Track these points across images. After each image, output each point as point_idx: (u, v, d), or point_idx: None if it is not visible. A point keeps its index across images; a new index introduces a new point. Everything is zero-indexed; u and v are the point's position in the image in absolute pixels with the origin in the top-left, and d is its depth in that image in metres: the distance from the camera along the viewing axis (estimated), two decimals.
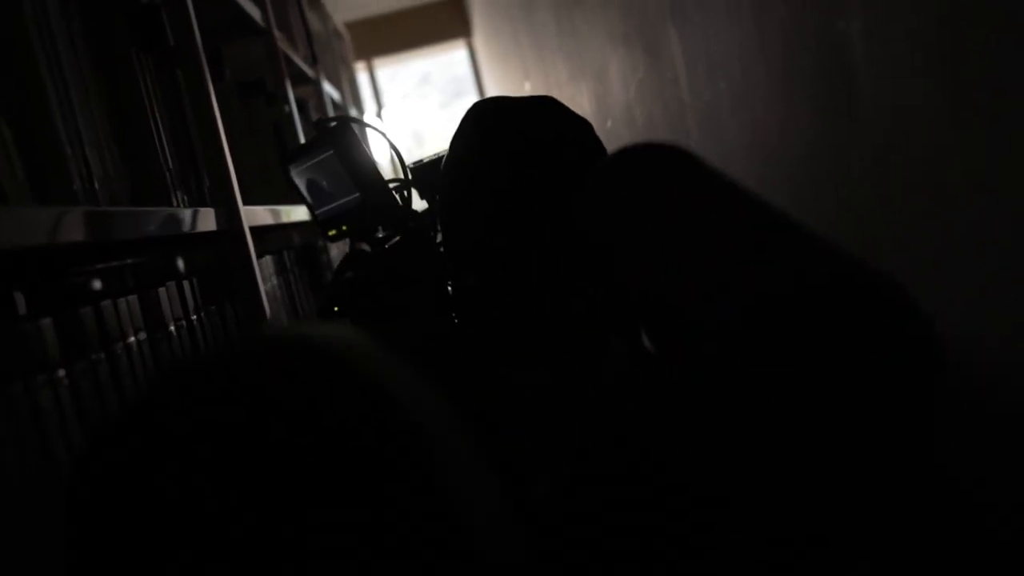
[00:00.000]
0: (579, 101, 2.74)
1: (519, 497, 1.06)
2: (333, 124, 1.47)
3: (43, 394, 0.86)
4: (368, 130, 1.52)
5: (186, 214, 1.41)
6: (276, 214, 2.06)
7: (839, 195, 1.07)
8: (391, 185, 1.50)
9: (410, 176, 1.40)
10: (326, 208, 1.59)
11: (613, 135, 2.27)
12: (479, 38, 7.38)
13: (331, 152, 1.46)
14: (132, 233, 1.15)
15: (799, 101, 1.08)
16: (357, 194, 1.48)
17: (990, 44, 0.72)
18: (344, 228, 1.58)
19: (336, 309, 1.57)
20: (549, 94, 3.13)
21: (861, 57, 0.90)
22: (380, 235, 1.57)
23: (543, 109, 1.29)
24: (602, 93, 2.32)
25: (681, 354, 0.94)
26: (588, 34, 2.36)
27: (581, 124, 1.30)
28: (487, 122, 1.30)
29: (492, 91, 7.39)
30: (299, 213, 2.40)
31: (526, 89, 4.24)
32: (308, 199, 1.61)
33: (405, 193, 1.47)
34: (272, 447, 0.49)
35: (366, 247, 1.59)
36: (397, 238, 1.53)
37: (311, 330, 0.57)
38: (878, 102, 0.91)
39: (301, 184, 1.59)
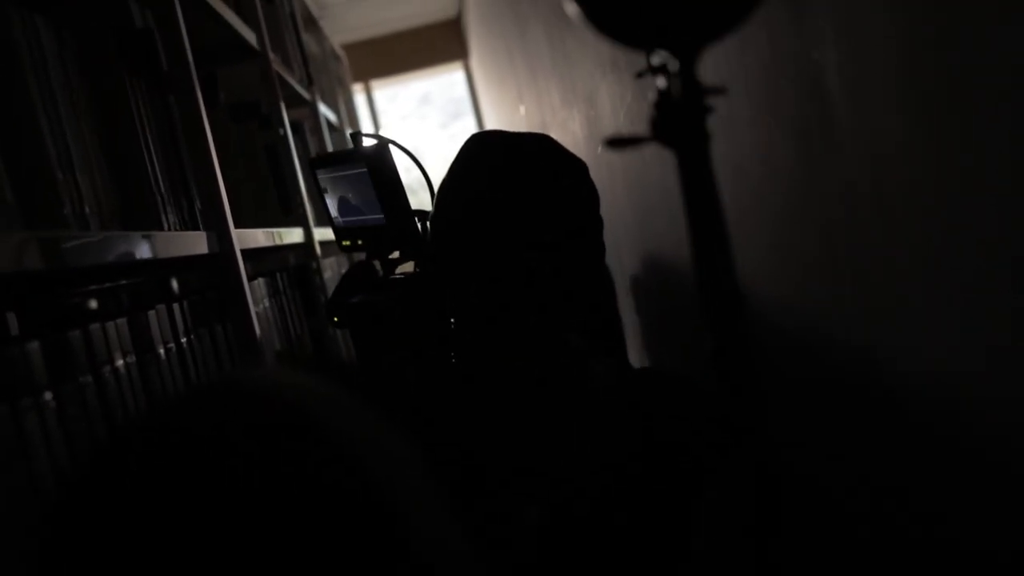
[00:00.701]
0: (571, 126, 2.76)
1: (509, 527, 1.07)
2: (372, 143, 1.49)
3: (29, 417, 0.87)
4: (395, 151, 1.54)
5: (176, 237, 1.42)
6: (270, 236, 2.07)
7: (819, 223, 1.08)
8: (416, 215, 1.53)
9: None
10: (347, 220, 1.61)
11: (604, 160, 2.29)
12: (475, 60, 7.42)
13: (365, 170, 1.48)
14: (121, 257, 1.16)
15: (781, 130, 1.10)
16: (381, 216, 1.50)
17: (960, 74, 0.74)
18: (360, 242, 1.60)
19: (336, 320, 1.59)
20: (543, 119, 3.16)
21: (837, 88, 0.92)
22: (393, 257, 1.59)
23: (533, 142, 1.32)
24: (593, 117, 2.34)
25: None
26: (579, 59, 2.37)
27: (568, 160, 1.33)
28: (480, 144, 1.33)
29: (488, 113, 7.41)
30: (293, 236, 2.41)
31: (521, 113, 4.26)
32: (329, 204, 1.64)
33: (428, 224, 1.50)
34: (234, 503, 0.50)
35: (377, 265, 1.61)
36: (410, 266, 1.56)
37: (272, 378, 0.58)
38: (855, 133, 0.92)
39: (327, 188, 1.62)
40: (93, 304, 1.28)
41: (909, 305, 0.91)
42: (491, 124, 7.45)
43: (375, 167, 1.48)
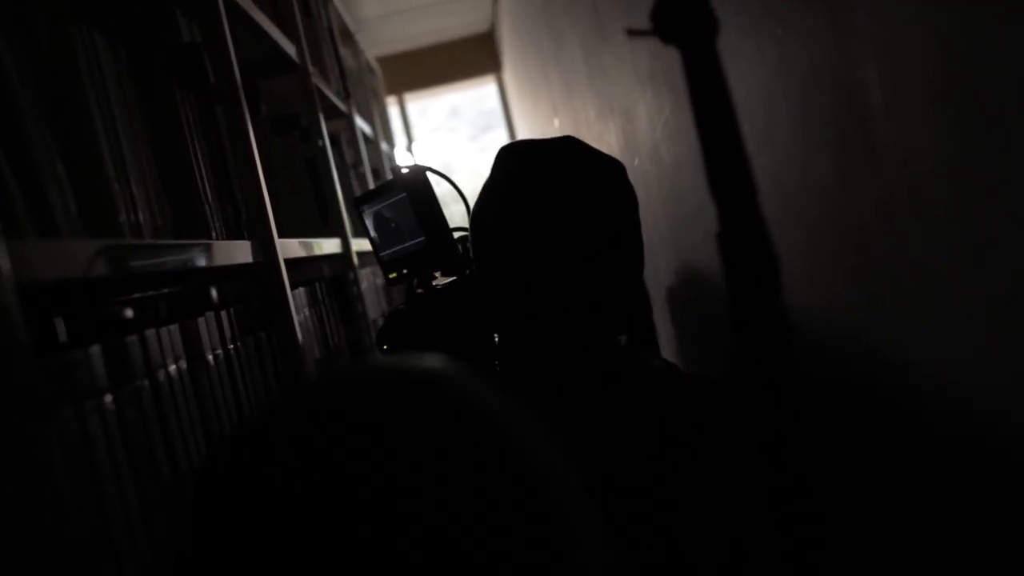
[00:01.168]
0: (607, 139, 2.78)
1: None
2: (406, 170, 1.56)
3: (92, 419, 0.90)
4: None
5: (224, 247, 1.45)
6: (308, 247, 2.10)
7: (855, 234, 1.10)
8: (455, 234, 1.58)
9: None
10: (391, 250, 1.66)
11: (640, 172, 2.30)
12: (508, 74, 7.45)
13: (404, 195, 1.54)
14: (175, 265, 1.19)
15: (819, 145, 1.11)
16: (422, 238, 1.55)
17: (996, 91, 0.75)
18: (404, 272, 1.65)
19: (385, 348, 1.63)
20: (578, 132, 3.17)
21: (878, 104, 0.93)
22: (436, 280, 1.65)
23: (563, 146, 1.35)
24: (630, 131, 2.36)
25: None
26: (616, 73, 2.40)
27: (603, 162, 1.35)
28: (513, 154, 1.36)
29: (521, 127, 7.44)
30: (330, 246, 2.44)
31: (555, 126, 4.29)
32: (375, 240, 1.69)
33: (467, 243, 1.54)
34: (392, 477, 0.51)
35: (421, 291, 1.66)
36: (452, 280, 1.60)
37: (429, 365, 0.59)
38: (895, 151, 0.94)
39: (370, 225, 1.68)
40: (129, 313, 1.31)
41: (945, 315, 0.92)
42: (524, 136, 7.48)
43: (412, 190, 1.54)
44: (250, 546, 0.51)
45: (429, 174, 1.58)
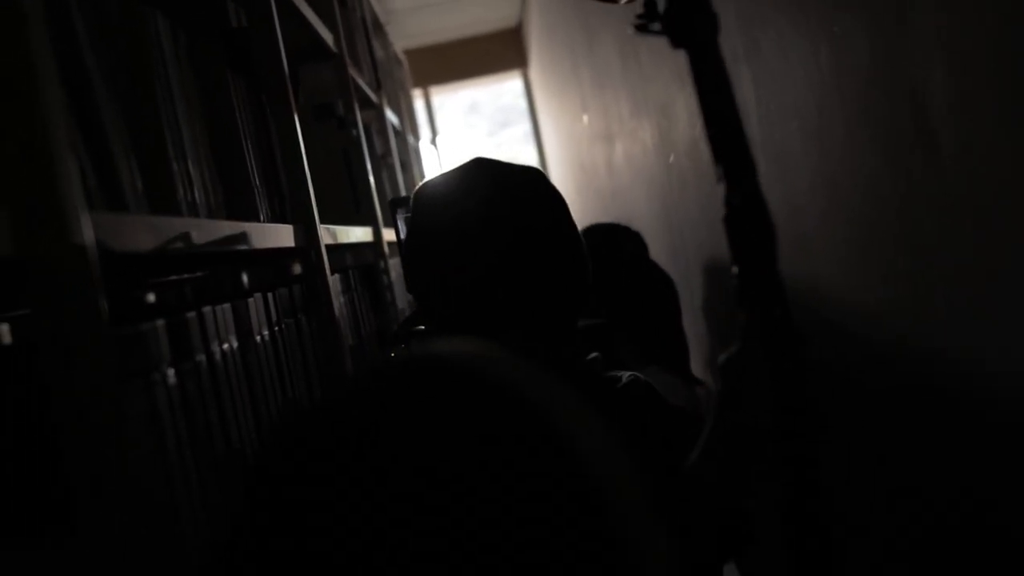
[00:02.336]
0: (641, 135, 2.79)
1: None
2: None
3: (158, 391, 0.92)
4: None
5: (271, 229, 1.47)
6: (343, 234, 2.12)
7: (903, 236, 1.11)
8: None
9: None
10: None
11: (676, 169, 2.31)
12: (535, 69, 7.46)
13: None
14: (228, 244, 1.21)
15: (875, 145, 1.12)
16: None
17: None
18: None
19: (403, 338, 1.64)
20: (608, 129, 3.16)
21: (940, 106, 0.94)
22: None
23: (475, 172, 1.37)
24: (666, 128, 2.37)
25: None
26: (654, 71, 2.41)
27: (521, 175, 1.35)
28: (426, 200, 1.38)
29: (546, 123, 7.45)
30: (362, 235, 2.46)
31: (584, 122, 4.30)
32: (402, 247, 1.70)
33: None
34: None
35: None
36: None
37: (490, 359, 0.59)
38: (953, 147, 0.94)
39: (402, 228, 1.68)
40: (151, 297, 1.33)
41: (999, 310, 0.93)
42: (549, 133, 7.49)
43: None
44: (296, 542, 0.51)
45: None
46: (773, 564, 1.48)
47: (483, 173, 1.37)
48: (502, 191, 1.33)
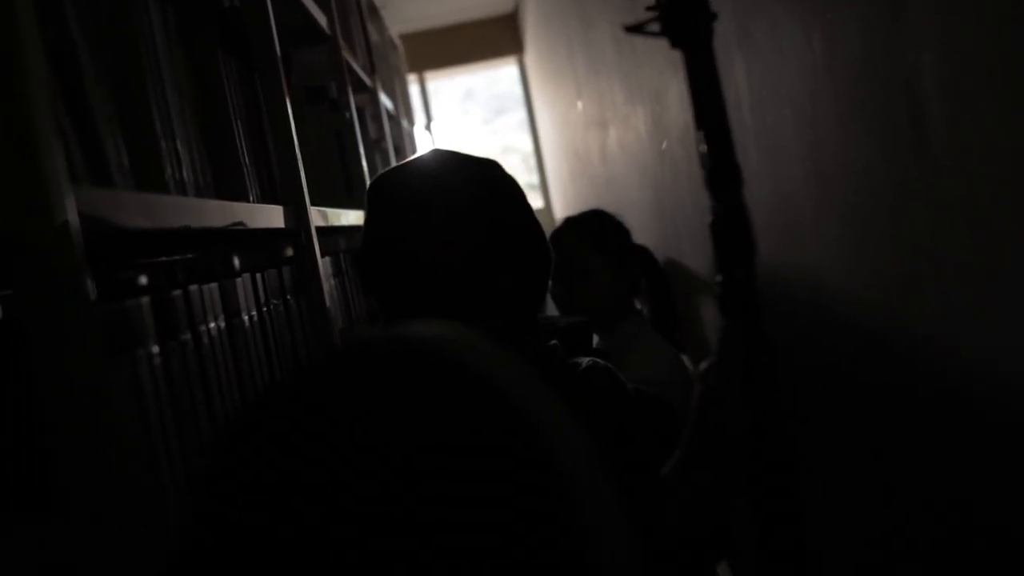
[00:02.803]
0: (633, 122, 2.79)
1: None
2: None
3: (142, 368, 0.91)
4: None
5: (261, 210, 1.46)
6: (334, 216, 2.11)
7: (895, 228, 1.11)
8: None
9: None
10: None
11: (668, 156, 2.31)
12: (531, 56, 7.44)
13: None
14: (217, 222, 1.20)
15: (866, 131, 1.12)
16: None
17: None
18: None
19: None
20: (603, 115, 3.16)
21: (933, 91, 0.94)
22: None
23: (433, 163, 1.37)
24: (659, 114, 2.37)
25: None
26: (648, 57, 2.40)
27: (478, 165, 1.35)
28: (380, 191, 1.38)
29: (542, 109, 7.44)
30: (354, 218, 2.45)
31: (578, 108, 4.29)
32: None
33: None
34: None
35: None
36: None
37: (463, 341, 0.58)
38: (946, 139, 0.94)
39: None
40: (142, 280, 1.32)
41: (996, 308, 0.93)
42: (544, 119, 7.48)
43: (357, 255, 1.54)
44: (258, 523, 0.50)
45: None
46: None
47: (446, 165, 1.36)
48: (469, 182, 1.32)
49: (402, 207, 1.33)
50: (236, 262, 1.40)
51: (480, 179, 1.33)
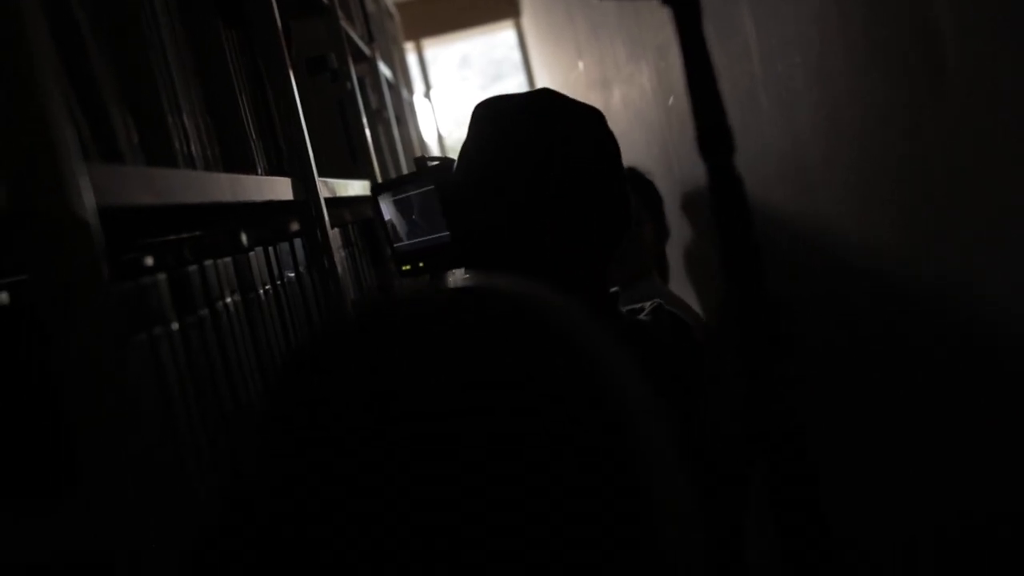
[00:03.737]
0: (638, 79, 2.77)
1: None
2: (435, 163, 1.55)
3: (162, 345, 0.91)
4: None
5: (269, 182, 1.45)
6: (342, 187, 2.10)
7: (912, 174, 1.09)
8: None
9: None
10: (408, 242, 1.65)
11: (675, 111, 2.29)
12: (528, 19, 7.39)
13: (431, 188, 1.53)
14: (228, 196, 1.19)
15: (880, 75, 1.10)
16: (447, 233, 1.54)
17: None
18: (421, 264, 1.64)
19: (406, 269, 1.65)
20: (604, 75, 3.13)
21: (950, 30, 0.93)
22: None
23: (540, 98, 1.34)
24: (664, 69, 2.35)
25: None
26: (649, 12, 2.38)
27: (582, 112, 1.34)
28: (482, 121, 1.37)
29: (541, 72, 7.39)
30: (360, 188, 2.44)
31: (579, 69, 4.26)
32: (389, 232, 1.68)
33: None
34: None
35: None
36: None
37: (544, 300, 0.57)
38: (965, 79, 0.93)
39: (387, 215, 1.66)
40: (148, 261, 1.32)
41: (1010, 250, 0.92)
42: (543, 82, 7.43)
43: (442, 184, 1.52)
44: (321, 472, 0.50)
45: None
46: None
47: (549, 107, 1.35)
48: (566, 126, 1.32)
49: (497, 141, 1.34)
50: (246, 240, 1.39)
51: (583, 130, 1.34)
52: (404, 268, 1.70)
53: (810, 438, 0.87)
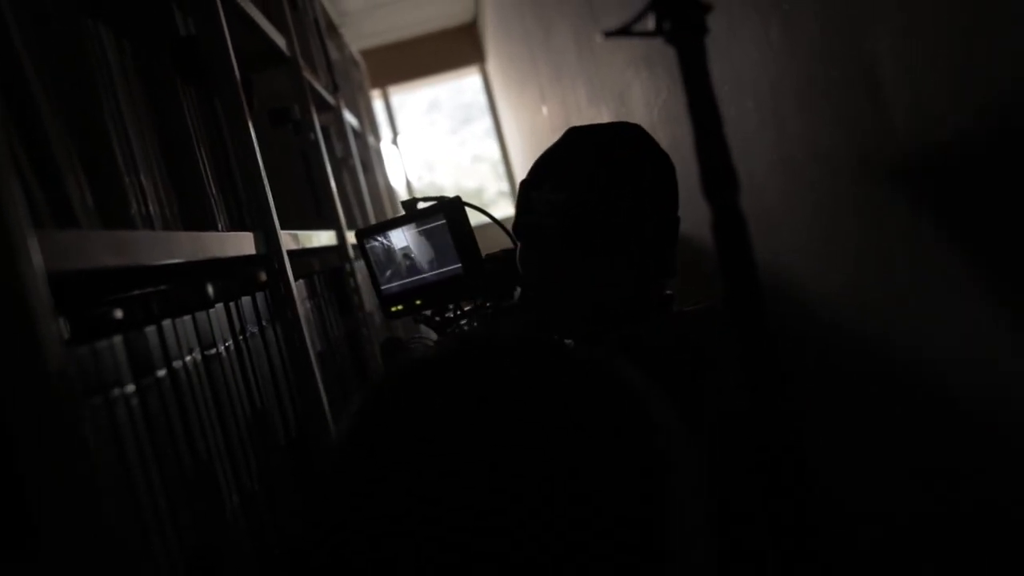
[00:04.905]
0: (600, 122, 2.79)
1: None
2: (439, 200, 1.61)
3: (118, 408, 0.90)
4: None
5: (230, 238, 1.45)
6: (305, 239, 2.10)
7: (864, 214, 1.11)
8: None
9: (515, 239, 1.51)
10: (405, 282, 1.67)
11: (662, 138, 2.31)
12: (493, 64, 7.44)
13: (444, 222, 1.56)
14: (188, 255, 1.19)
15: (829, 118, 1.12)
16: (457, 266, 1.57)
17: (1014, 59, 0.76)
18: (418, 302, 1.66)
19: (394, 310, 1.68)
20: (567, 119, 3.15)
21: (889, 75, 0.94)
22: (448, 315, 1.66)
23: (628, 130, 1.40)
24: (624, 115, 2.37)
25: None
26: (609, 57, 2.40)
27: (661, 155, 1.38)
28: (578, 134, 1.43)
29: (507, 116, 7.43)
30: (325, 239, 2.44)
31: (543, 113, 4.29)
32: (381, 272, 1.69)
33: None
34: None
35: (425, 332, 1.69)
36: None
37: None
38: (907, 122, 0.94)
39: (372, 256, 1.67)
40: (118, 314, 1.31)
41: (962, 295, 0.93)
42: (509, 126, 7.48)
43: (453, 217, 1.55)
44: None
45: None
46: None
47: (645, 138, 1.42)
48: (659, 154, 1.40)
49: (606, 170, 1.36)
50: (210, 291, 1.39)
51: (663, 157, 1.40)
52: (394, 309, 1.71)
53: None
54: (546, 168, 1.41)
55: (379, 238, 1.69)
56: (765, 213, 1.43)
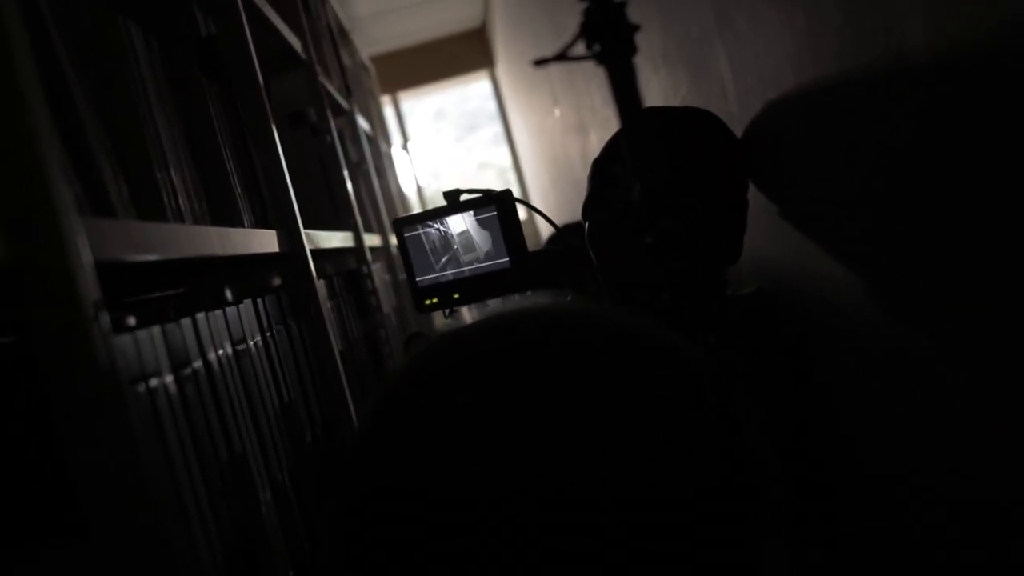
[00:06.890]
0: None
1: None
2: (485, 193, 1.60)
3: (159, 397, 0.91)
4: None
5: (257, 235, 1.46)
6: (326, 239, 2.11)
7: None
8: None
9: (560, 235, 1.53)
10: (432, 276, 1.66)
11: None
12: (503, 68, 7.45)
13: (495, 213, 1.55)
14: (218, 250, 1.20)
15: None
16: (505, 259, 1.56)
17: None
18: (456, 296, 1.65)
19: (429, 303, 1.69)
20: (581, 120, 3.14)
21: (921, 62, 0.94)
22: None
23: (703, 114, 1.43)
24: None
25: None
26: None
27: (734, 138, 1.40)
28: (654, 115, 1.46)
29: (516, 121, 7.44)
30: (344, 240, 2.45)
31: (556, 116, 4.30)
32: (421, 263, 1.67)
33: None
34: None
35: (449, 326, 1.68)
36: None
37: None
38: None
39: (409, 245, 1.65)
40: (131, 321, 1.32)
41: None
42: (519, 130, 7.49)
43: (504, 210, 1.55)
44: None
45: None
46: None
47: (718, 121, 1.43)
48: (731, 136, 1.42)
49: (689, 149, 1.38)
50: (230, 296, 1.40)
51: (737, 143, 1.43)
52: (428, 302, 1.68)
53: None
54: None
55: (431, 224, 1.64)
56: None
